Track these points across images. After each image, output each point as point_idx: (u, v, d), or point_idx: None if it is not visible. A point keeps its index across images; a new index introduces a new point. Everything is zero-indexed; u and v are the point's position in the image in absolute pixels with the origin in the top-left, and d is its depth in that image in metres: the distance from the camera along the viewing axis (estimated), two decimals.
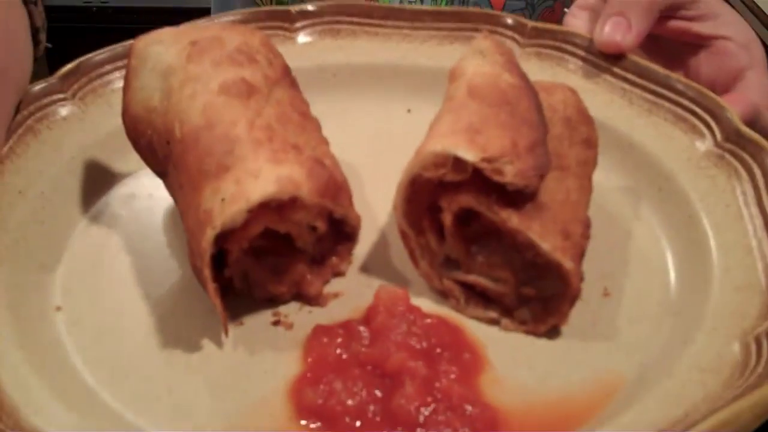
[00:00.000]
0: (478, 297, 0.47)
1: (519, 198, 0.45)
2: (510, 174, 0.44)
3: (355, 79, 0.65)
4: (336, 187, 0.47)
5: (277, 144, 0.46)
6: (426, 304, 0.47)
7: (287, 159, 0.45)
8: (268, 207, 0.44)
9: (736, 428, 0.35)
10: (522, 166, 0.45)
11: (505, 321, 0.47)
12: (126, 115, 0.51)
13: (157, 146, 0.49)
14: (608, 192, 0.55)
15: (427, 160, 0.45)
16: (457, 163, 0.45)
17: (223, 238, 0.44)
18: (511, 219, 0.45)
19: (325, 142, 0.50)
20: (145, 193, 0.56)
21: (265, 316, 0.47)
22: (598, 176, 0.53)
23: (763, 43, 0.61)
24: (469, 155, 0.44)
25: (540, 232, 0.45)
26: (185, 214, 0.46)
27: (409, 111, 0.63)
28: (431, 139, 0.46)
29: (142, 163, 0.55)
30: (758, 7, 1.89)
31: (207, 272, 0.43)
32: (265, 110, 0.48)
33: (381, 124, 0.62)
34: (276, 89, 0.50)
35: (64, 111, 0.57)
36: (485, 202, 0.45)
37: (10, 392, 0.39)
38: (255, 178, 0.43)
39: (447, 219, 0.46)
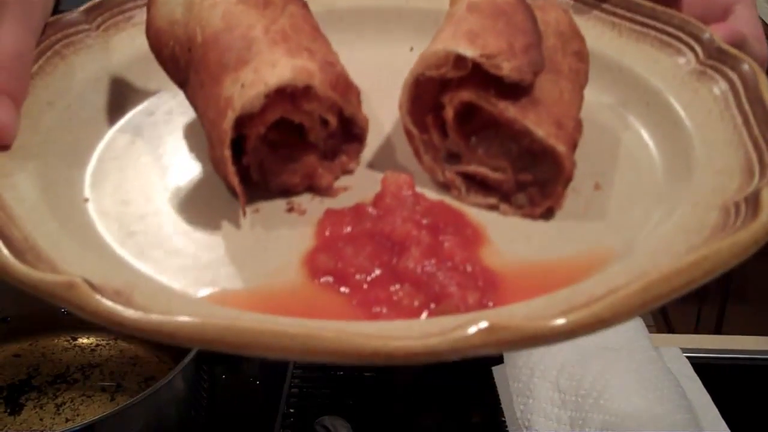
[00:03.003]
0: (478, 186, 0.51)
1: (515, 92, 0.49)
2: (507, 68, 0.48)
3: (361, 21, 0.69)
4: (346, 84, 0.50)
5: (292, 45, 0.50)
6: (429, 195, 0.51)
7: (301, 56, 0.49)
8: (284, 94, 0.47)
9: (715, 264, 0.38)
10: (517, 63, 0.49)
11: (503, 206, 0.50)
12: (150, 29, 0.55)
13: (179, 55, 0.53)
14: (599, 108, 0.59)
15: (430, 59, 0.49)
16: (458, 61, 0.49)
17: (241, 124, 0.48)
18: (508, 110, 0.49)
19: (335, 53, 0.54)
20: (166, 109, 0.59)
21: (280, 204, 0.51)
22: (589, 96, 0.56)
23: None
24: (469, 52, 0.48)
25: (535, 121, 0.48)
26: (206, 110, 0.50)
27: (411, 49, 0.67)
28: (434, 44, 0.50)
29: (162, 84, 0.59)
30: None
31: (227, 153, 0.47)
32: (280, 20, 0.52)
33: (384, 59, 0.66)
34: (289, 5, 0.54)
35: (89, 40, 0.61)
36: (484, 96, 0.49)
37: (47, 250, 0.42)
38: (272, 67, 0.47)
39: (449, 114, 0.50)
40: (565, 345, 0.83)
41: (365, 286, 0.43)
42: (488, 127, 0.50)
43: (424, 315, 0.42)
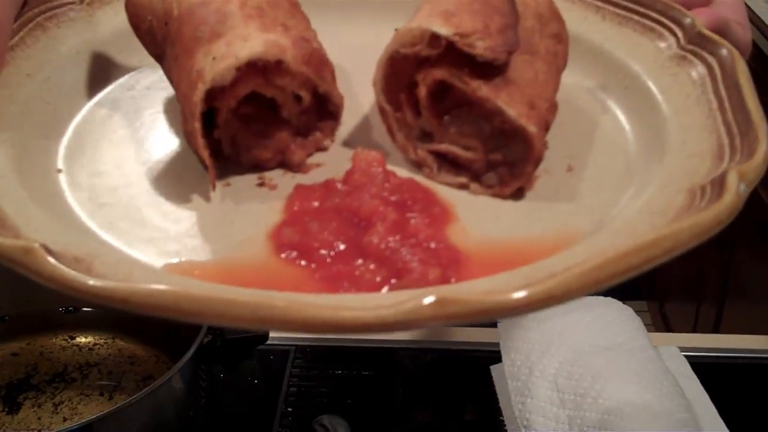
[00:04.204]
0: (449, 165, 0.51)
1: (489, 71, 0.49)
2: (480, 48, 0.48)
3: (347, 4, 0.69)
4: (320, 60, 0.50)
5: (267, 20, 0.50)
6: (401, 173, 0.51)
7: (275, 31, 0.49)
8: (256, 68, 0.48)
9: (675, 243, 0.38)
10: (492, 42, 0.49)
11: (473, 185, 0.50)
12: (129, 3, 0.55)
13: (156, 29, 0.53)
14: (577, 91, 0.58)
15: (405, 37, 0.49)
16: (432, 39, 0.49)
17: (212, 97, 0.48)
18: (481, 89, 0.48)
19: (312, 31, 0.54)
20: (145, 84, 0.60)
21: (251, 179, 0.51)
22: (570, 79, 0.56)
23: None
24: (443, 30, 0.48)
25: (507, 101, 0.48)
26: (179, 82, 0.50)
27: (396, 30, 0.67)
28: (409, 23, 0.50)
29: (143, 60, 0.59)
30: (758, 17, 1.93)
31: (197, 125, 0.47)
32: None
33: (368, 40, 0.65)
34: None
35: (72, 13, 0.61)
36: (457, 75, 0.49)
37: (12, 216, 0.43)
38: (244, 40, 0.48)
39: (422, 92, 0.50)
40: (564, 344, 0.83)
41: (328, 260, 0.44)
42: (461, 106, 0.50)
43: (384, 290, 0.42)
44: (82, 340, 0.88)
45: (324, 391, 0.90)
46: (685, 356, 0.92)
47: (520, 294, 0.35)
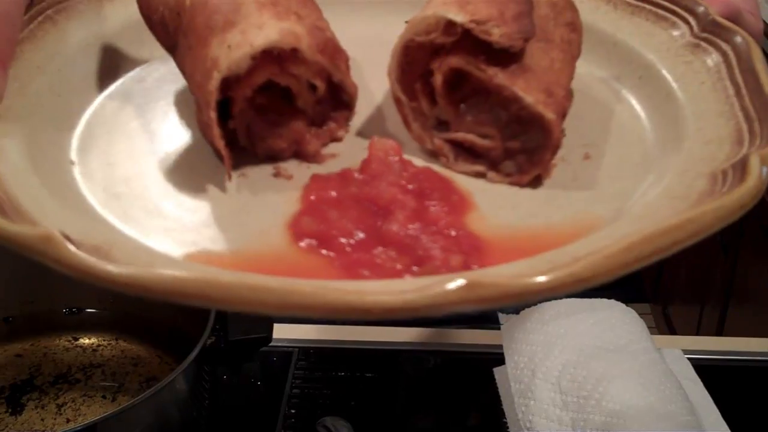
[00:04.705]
0: (466, 153, 0.50)
1: (505, 59, 0.49)
2: (496, 35, 0.48)
3: None
4: (335, 49, 0.50)
5: (281, 9, 0.49)
6: (417, 162, 0.50)
7: (289, 19, 0.49)
8: (271, 56, 0.47)
9: (700, 227, 0.38)
10: (507, 29, 0.48)
11: (491, 174, 0.50)
12: None
13: (168, 20, 0.53)
14: (591, 81, 0.58)
15: (420, 25, 0.49)
16: (448, 26, 0.48)
17: (227, 86, 0.47)
18: (497, 76, 0.48)
19: (325, 21, 0.53)
20: (156, 77, 0.59)
21: (267, 169, 0.50)
22: (583, 69, 0.56)
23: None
24: (459, 17, 0.48)
25: (524, 88, 0.48)
26: (193, 73, 0.50)
27: (406, 22, 0.67)
28: (424, 10, 0.50)
29: (153, 52, 0.59)
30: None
31: (212, 115, 0.46)
32: None
33: (378, 31, 0.65)
34: None
35: (81, 6, 0.60)
36: (473, 62, 0.49)
37: (28, 206, 0.42)
38: (259, 29, 0.47)
39: (438, 80, 0.50)
40: (567, 346, 0.82)
41: (348, 249, 0.43)
42: (477, 94, 0.50)
43: (406, 277, 0.41)
44: (85, 341, 0.87)
45: (327, 392, 0.90)
46: (689, 359, 0.92)
47: (548, 277, 0.35)
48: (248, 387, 0.92)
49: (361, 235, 0.44)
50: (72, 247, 0.36)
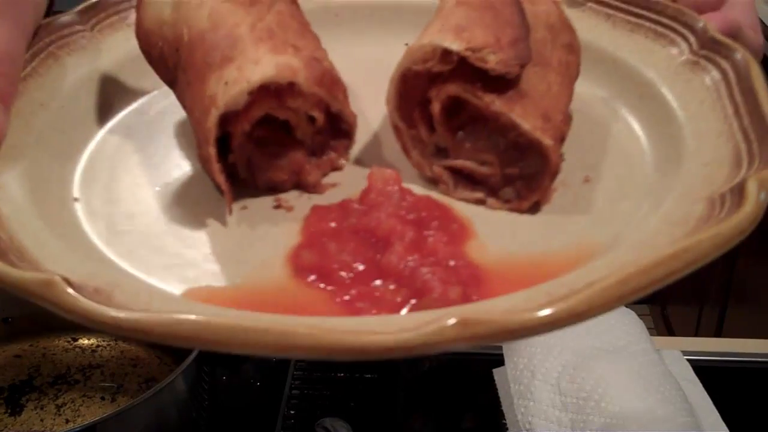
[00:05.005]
0: (465, 180, 0.51)
1: (501, 85, 0.49)
2: (492, 62, 0.48)
3: (357, 17, 0.69)
4: (332, 80, 0.50)
5: (278, 42, 0.50)
6: (417, 190, 0.51)
7: (286, 52, 0.49)
8: (268, 91, 0.48)
9: (697, 256, 0.38)
10: (504, 56, 0.48)
11: (490, 200, 0.50)
12: (140, 30, 0.55)
13: (168, 55, 0.53)
14: (590, 100, 0.58)
15: (417, 53, 0.49)
16: (444, 55, 0.49)
17: (226, 122, 0.48)
18: (495, 103, 0.48)
19: (323, 50, 0.54)
20: (158, 109, 0.60)
21: (267, 201, 0.51)
22: (581, 88, 0.56)
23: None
24: (455, 45, 0.48)
25: (521, 114, 0.48)
26: (193, 108, 0.50)
27: (406, 44, 0.67)
28: (420, 38, 0.50)
29: (154, 85, 0.60)
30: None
31: (212, 151, 0.47)
32: (267, 17, 0.52)
33: (378, 55, 0.65)
34: (277, 2, 0.54)
35: (83, 41, 0.61)
36: (470, 90, 0.49)
37: (31, 248, 0.43)
38: (255, 64, 0.48)
39: (436, 108, 0.50)
40: (567, 347, 0.82)
41: (348, 282, 0.43)
42: (475, 121, 0.50)
43: (405, 310, 0.41)
44: (84, 342, 0.88)
45: (326, 393, 0.90)
46: (688, 360, 0.92)
47: (544, 312, 0.35)
48: (247, 388, 0.92)
49: (360, 267, 0.44)
50: (73, 292, 0.37)
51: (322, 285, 0.43)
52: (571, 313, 0.36)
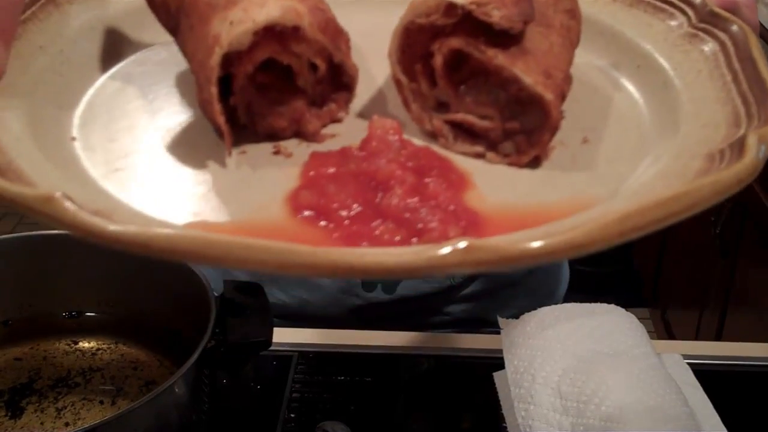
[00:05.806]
0: (465, 134, 0.51)
1: (505, 41, 0.49)
2: (497, 16, 0.48)
3: None
4: (336, 29, 0.51)
5: None
6: (417, 143, 0.51)
7: None
8: (273, 33, 0.48)
9: (696, 200, 0.38)
10: (507, 12, 0.49)
11: (490, 154, 0.50)
12: None
13: (170, 0, 0.53)
14: (590, 70, 0.59)
15: (421, 7, 0.50)
16: (448, 8, 0.49)
17: (229, 63, 0.48)
18: (497, 57, 0.49)
19: (325, 3, 0.54)
20: (157, 60, 0.59)
21: (267, 147, 0.51)
22: (581, 59, 0.56)
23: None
24: None
25: (524, 69, 0.48)
26: (195, 52, 0.50)
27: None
28: None
29: (155, 37, 0.60)
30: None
31: (213, 90, 0.47)
32: None
33: (378, 19, 0.65)
34: None
35: None
36: (473, 44, 0.49)
37: (30, 174, 0.42)
38: (261, 6, 0.48)
39: (438, 61, 0.50)
40: (567, 351, 0.82)
41: (347, 221, 0.43)
42: (477, 76, 0.50)
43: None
44: (85, 344, 0.87)
45: (327, 397, 0.89)
46: (688, 364, 0.92)
47: (544, 242, 0.35)
48: (248, 391, 0.91)
49: (359, 208, 0.44)
50: (73, 206, 0.36)
51: (320, 223, 0.43)
52: (570, 244, 0.36)
